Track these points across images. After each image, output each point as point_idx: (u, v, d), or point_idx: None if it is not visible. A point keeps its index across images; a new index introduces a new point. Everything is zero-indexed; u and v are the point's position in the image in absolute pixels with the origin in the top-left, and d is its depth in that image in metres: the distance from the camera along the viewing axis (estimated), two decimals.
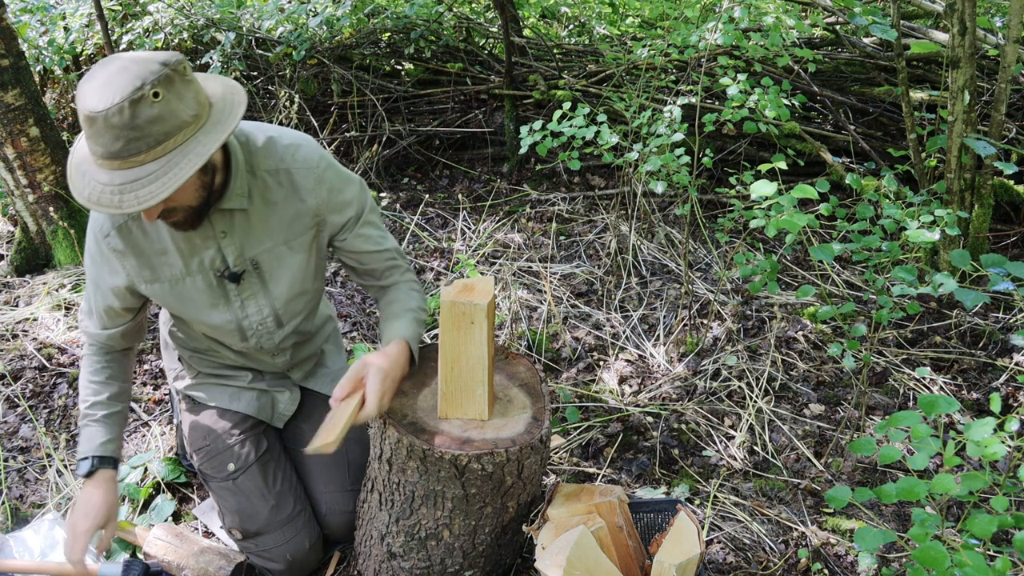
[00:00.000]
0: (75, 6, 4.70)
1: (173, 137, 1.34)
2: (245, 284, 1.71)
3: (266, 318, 1.79)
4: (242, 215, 1.64)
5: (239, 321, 1.76)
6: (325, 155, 1.70)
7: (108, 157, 1.32)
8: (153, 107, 1.30)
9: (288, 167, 1.65)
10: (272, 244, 1.69)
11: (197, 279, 1.68)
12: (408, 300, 1.80)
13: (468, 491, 1.63)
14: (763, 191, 1.91)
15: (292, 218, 1.68)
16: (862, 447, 1.51)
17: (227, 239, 1.65)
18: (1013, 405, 2.47)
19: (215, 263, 1.67)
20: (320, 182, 1.67)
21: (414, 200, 4.10)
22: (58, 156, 3.27)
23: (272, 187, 1.64)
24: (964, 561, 1.26)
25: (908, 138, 2.93)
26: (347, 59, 4.47)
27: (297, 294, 1.79)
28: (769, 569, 1.95)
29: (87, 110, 1.29)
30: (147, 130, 1.31)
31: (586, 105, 2.66)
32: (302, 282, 1.77)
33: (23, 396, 2.64)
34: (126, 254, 1.64)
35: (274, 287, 1.75)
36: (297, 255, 1.73)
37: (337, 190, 1.70)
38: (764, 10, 3.14)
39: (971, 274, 2.90)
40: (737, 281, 3.20)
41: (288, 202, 1.67)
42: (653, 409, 2.52)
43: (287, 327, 1.84)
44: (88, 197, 1.36)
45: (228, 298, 1.73)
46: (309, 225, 1.71)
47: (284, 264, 1.72)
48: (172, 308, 1.77)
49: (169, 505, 2.14)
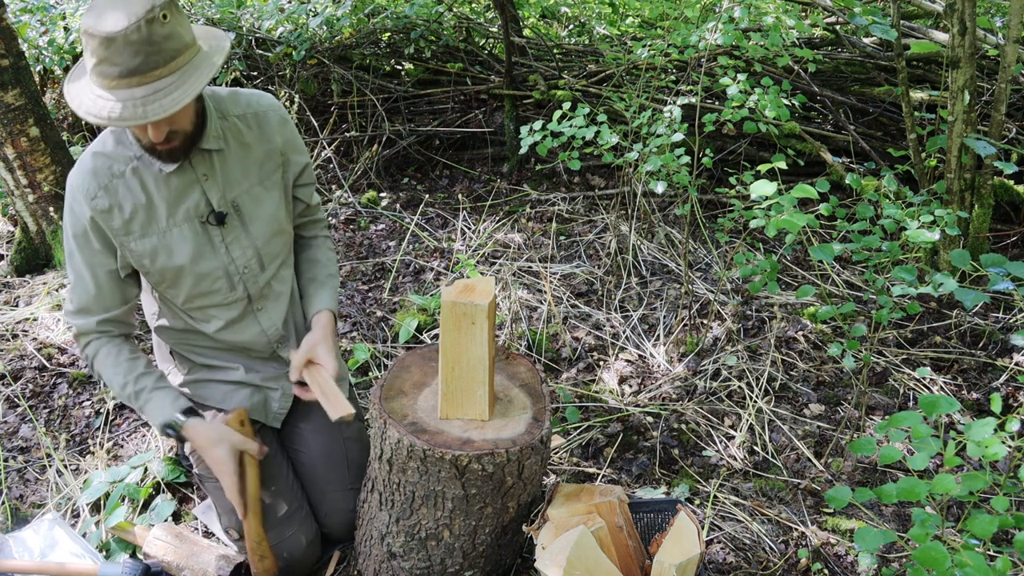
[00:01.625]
0: (75, 6, 4.70)
1: (182, 55, 1.49)
2: (228, 227, 1.80)
3: (250, 260, 1.85)
4: (220, 157, 1.76)
5: (226, 267, 1.83)
6: None
7: (126, 75, 1.44)
8: (164, 26, 1.45)
9: (255, 111, 1.82)
10: (249, 185, 1.81)
11: (184, 228, 1.76)
12: (329, 264, 2.03)
13: (468, 491, 1.63)
14: (763, 191, 1.91)
15: (264, 158, 1.83)
16: (862, 447, 1.51)
17: (209, 181, 1.75)
18: (1013, 405, 2.47)
19: (199, 207, 1.76)
20: (284, 122, 1.86)
21: (414, 200, 4.10)
22: (58, 156, 3.27)
23: (243, 130, 1.80)
24: (964, 561, 1.26)
25: (908, 138, 2.93)
26: (347, 59, 4.47)
27: (276, 233, 1.88)
28: (769, 569, 1.95)
29: (104, 32, 1.41)
30: (162, 46, 1.45)
31: (586, 105, 2.66)
32: (279, 221, 1.88)
33: (23, 396, 2.64)
34: (112, 213, 1.70)
35: (254, 228, 1.84)
36: (272, 194, 1.85)
37: (295, 135, 1.90)
38: (764, 10, 3.14)
39: (971, 274, 2.91)
40: (737, 281, 3.20)
41: (259, 143, 1.82)
42: (653, 409, 2.52)
43: (268, 270, 1.90)
44: (109, 116, 1.45)
45: (213, 244, 1.80)
46: (278, 164, 1.86)
47: (261, 204, 1.84)
48: (163, 264, 1.78)
49: (169, 505, 2.14)
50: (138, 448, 2.42)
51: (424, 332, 2.92)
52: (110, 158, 1.69)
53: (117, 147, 1.70)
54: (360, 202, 4.04)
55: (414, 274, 3.41)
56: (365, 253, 3.61)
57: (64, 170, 3.27)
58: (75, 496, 2.21)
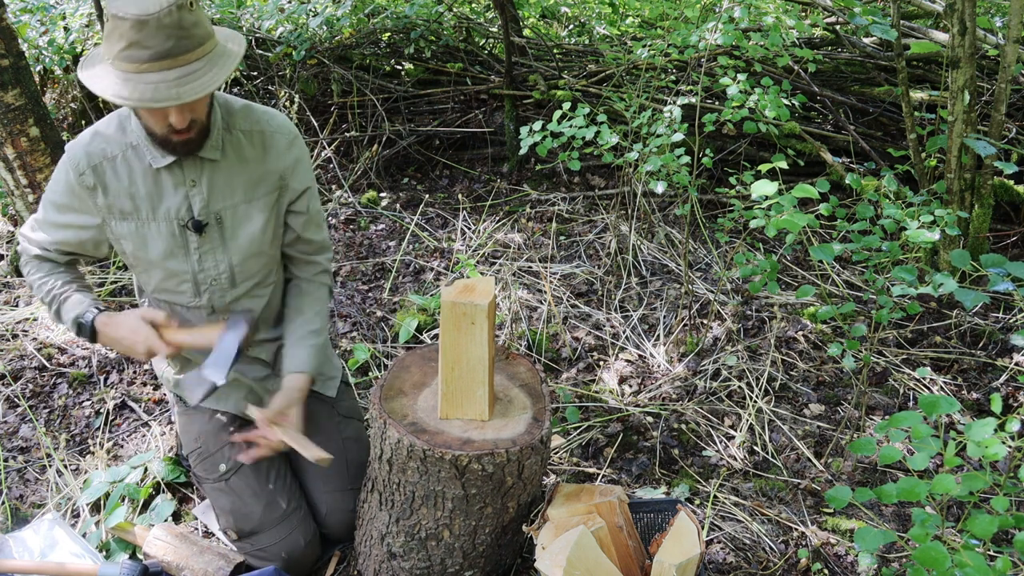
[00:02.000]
0: (75, 6, 4.70)
1: (207, 41, 1.54)
2: (206, 237, 1.79)
3: (221, 274, 1.84)
4: (212, 167, 1.75)
5: (195, 274, 1.82)
6: (296, 128, 1.88)
7: (158, 58, 1.48)
8: (192, 14, 1.49)
9: (263, 130, 1.80)
10: (236, 201, 1.79)
11: (161, 226, 1.76)
12: (313, 320, 1.94)
13: (468, 491, 1.63)
14: (763, 191, 1.91)
15: (259, 178, 1.80)
16: (862, 447, 1.51)
17: (195, 189, 1.75)
18: (1013, 405, 2.47)
19: (180, 212, 1.75)
20: (291, 146, 1.83)
21: (414, 200, 4.10)
22: (58, 156, 3.27)
23: (245, 146, 1.78)
24: (964, 561, 1.26)
25: (908, 138, 2.93)
26: (347, 59, 4.46)
27: (254, 254, 1.85)
28: (769, 569, 1.95)
29: (137, 15, 1.44)
30: (192, 31, 1.49)
31: (586, 105, 2.66)
32: (260, 243, 1.85)
33: (23, 396, 2.64)
34: (96, 192, 1.72)
35: (233, 244, 1.82)
36: (259, 215, 1.82)
37: (301, 161, 1.86)
38: (764, 10, 3.14)
39: (971, 274, 2.91)
40: (737, 281, 3.20)
41: (258, 163, 1.79)
42: (653, 409, 2.52)
43: (240, 287, 1.88)
44: (141, 97, 1.48)
45: (187, 249, 1.80)
46: (274, 187, 1.83)
47: (246, 222, 1.81)
48: (136, 251, 1.80)
49: (169, 505, 2.14)
50: (138, 448, 2.42)
51: (424, 332, 2.92)
52: (107, 141, 1.71)
53: (117, 132, 1.72)
54: (360, 202, 4.04)
55: (414, 274, 3.41)
56: (365, 253, 3.61)
57: None
58: (75, 496, 2.21)
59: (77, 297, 1.79)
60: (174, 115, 1.56)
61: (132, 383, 2.72)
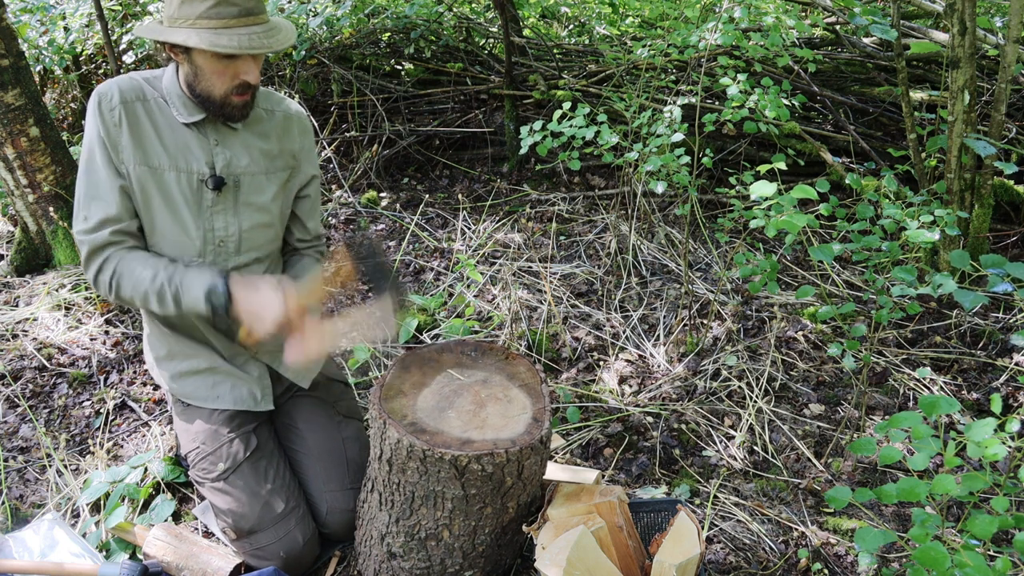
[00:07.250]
0: (75, 6, 4.70)
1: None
2: (221, 196, 1.86)
3: (229, 236, 1.89)
4: (234, 135, 1.86)
5: (205, 232, 1.86)
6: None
7: (244, 15, 1.67)
8: None
9: (283, 111, 1.96)
10: (255, 169, 1.90)
11: (181, 177, 1.82)
12: (311, 269, 2.06)
13: (468, 491, 1.63)
14: (763, 191, 1.91)
15: (276, 153, 1.93)
16: (862, 447, 1.51)
17: (219, 147, 1.84)
18: (1013, 405, 2.47)
19: (202, 167, 1.83)
20: (304, 132, 2.01)
21: (414, 200, 4.10)
22: (58, 156, 3.27)
23: (265, 121, 1.92)
24: (964, 562, 1.26)
25: (908, 138, 2.93)
26: (347, 59, 4.47)
27: (263, 224, 1.93)
28: (769, 569, 1.95)
29: None
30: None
31: (586, 105, 2.66)
32: (270, 214, 1.94)
33: (23, 396, 2.64)
34: (122, 129, 1.77)
35: (245, 209, 1.89)
36: (271, 188, 1.93)
37: (311, 149, 2.04)
38: (764, 10, 3.14)
39: (971, 274, 2.91)
40: (737, 281, 3.20)
41: (276, 139, 1.93)
42: (653, 409, 2.52)
43: (244, 255, 1.92)
44: (240, 45, 1.65)
45: (200, 206, 1.85)
46: (288, 165, 1.97)
47: (259, 191, 1.91)
48: (149, 199, 1.80)
49: (169, 505, 2.14)
50: (138, 448, 2.42)
51: (424, 332, 2.92)
52: (143, 85, 1.81)
53: (147, 86, 1.81)
54: (360, 202, 4.04)
55: (414, 274, 3.41)
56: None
57: (64, 170, 3.27)
58: (75, 496, 2.21)
59: (193, 271, 1.77)
60: (253, 71, 1.72)
61: (132, 383, 2.72)
